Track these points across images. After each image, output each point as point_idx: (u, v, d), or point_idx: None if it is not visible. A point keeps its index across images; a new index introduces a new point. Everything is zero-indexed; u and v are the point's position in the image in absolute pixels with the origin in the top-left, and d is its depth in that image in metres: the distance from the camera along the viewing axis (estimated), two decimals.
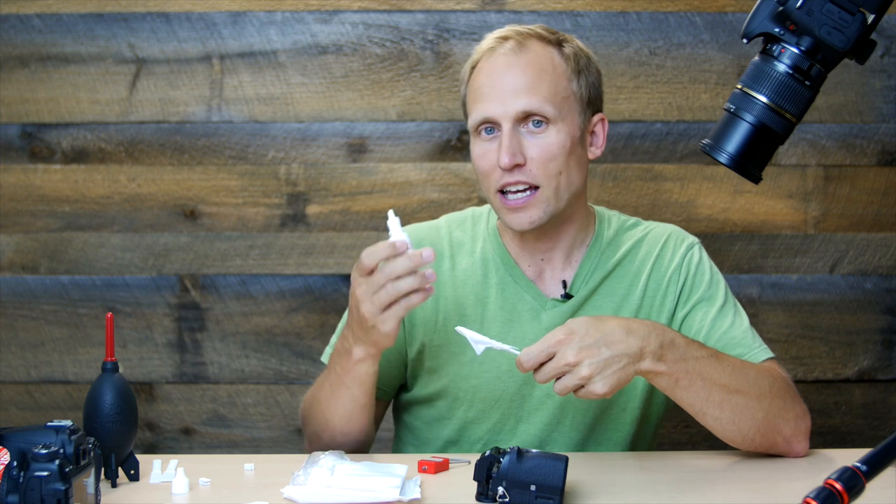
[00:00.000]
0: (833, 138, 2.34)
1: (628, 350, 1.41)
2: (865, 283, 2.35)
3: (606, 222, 1.74)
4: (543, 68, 1.61)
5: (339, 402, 1.58)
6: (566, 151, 1.60)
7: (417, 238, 1.73)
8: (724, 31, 2.32)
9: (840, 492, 0.96)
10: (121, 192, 2.33)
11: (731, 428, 1.52)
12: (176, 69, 2.32)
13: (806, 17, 1.20)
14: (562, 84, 1.62)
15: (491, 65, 1.62)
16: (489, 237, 1.72)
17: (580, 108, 1.64)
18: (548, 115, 1.59)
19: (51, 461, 1.19)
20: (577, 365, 1.39)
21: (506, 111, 1.59)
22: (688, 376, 1.46)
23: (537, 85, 1.60)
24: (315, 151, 2.33)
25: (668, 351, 1.44)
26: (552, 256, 1.69)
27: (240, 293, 2.34)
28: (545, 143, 1.60)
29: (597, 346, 1.40)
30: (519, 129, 1.60)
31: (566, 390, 1.41)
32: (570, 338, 1.40)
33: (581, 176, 1.65)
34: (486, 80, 1.62)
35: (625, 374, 1.41)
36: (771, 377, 1.55)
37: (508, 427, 1.68)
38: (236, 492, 1.41)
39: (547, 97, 1.60)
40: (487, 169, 1.61)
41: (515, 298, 1.68)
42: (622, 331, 1.42)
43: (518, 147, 1.59)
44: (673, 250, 1.71)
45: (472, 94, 1.65)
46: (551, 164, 1.59)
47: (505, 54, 1.62)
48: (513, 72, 1.61)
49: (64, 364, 2.35)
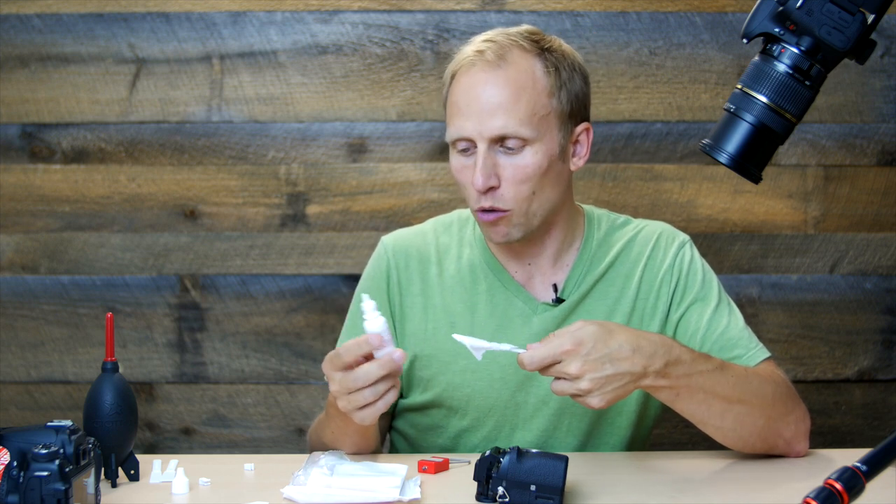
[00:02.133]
0: (833, 138, 2.34)
1: (632, 369, 1.39)
2: (865, 283, 2.35)
3: (596, 223, 1.71)
4: (522, 86, 1.56)
5: (343, 444, 1.58)
6: (541, 172, 1.57)
7: (406, 244, 1.72)
8: (724, 31, 2.32)
9: (840, 492, 0.96)
10: (121, 192, 2.33)
11: (732, 435, 1.52)
12: (176, 69, 2.32)
13: (806, 17, 1.20)
14: (541, 102, 1.57)
15: (468, 80, 1.58)
16: (475, 243, 1.70)
17: (560, 123, 1.59)
18: (525, 136, 1.55)
19: (51, 461, 1.19)
20: (579, 378, 1.37)
21: (481, 132, 1.55)
22: (689, 390, 1.45)
23: (514, 105, 1.55)
24: (315, 151, 2.33)
25: (673, 368, 1.43)
26: (539, 261, 1.67)
27: (240, 293, 2.34)
28: (520, 164, 1.56)
29: (601, 362, 1.37)
30: (495, 148, 1.56)
31: (561, 394, 1.40)
32: (578, 349, 1.37)
33: (557, 191, 1.61)
34: (462, 97, 1.58)
35: (624, 391, 1.40)
36: (774, 383, 1.54)
37: (504, 434, 1.66)
38: (236, 492, 1.41)
39: (524, 118, 1.55)
40: (466, 183, 1.59)
41: (506, 304, 1.66)
42: (630, 348, 1.39)
43: (493, 168, 1.55)
44: (664, 250, 1.69)
45: (450, 106, 1.61)
46: (523, 187, 1.56)
47: (483, 69, 1.57)
48: (490, 89, 1.55)
49: (64, 364, 2.35)
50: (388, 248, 1.72)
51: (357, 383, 1.38)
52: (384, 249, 1.73)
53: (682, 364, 1.44)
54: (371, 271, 1.73)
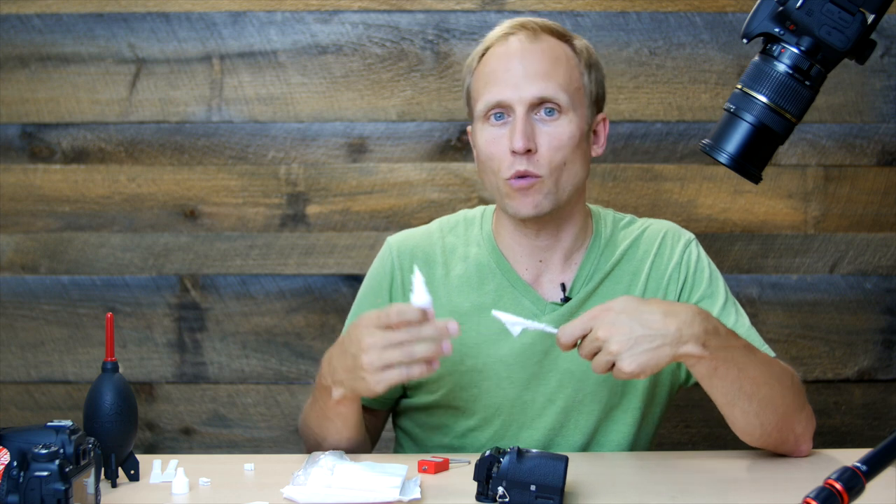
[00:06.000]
0: (833, 138, 2.34)
1: (664, 331, 1.39)
2: (865, 283, 2.35)
3: (603, 221, 1.72)
4: (558, 57, 1.60)
5: (327, 431, 1.58)
6: (574, 143, 1.59)
7: (411, 245, 1.72)
8: (724, 31, 2.32)
9: (840, 492, 0.96)
10: (121, 192, 2.33)
11: (755, 421, 1.50)
12: (176, 69, 2.32)
13: (806, 17, 1.20)
14: (575, 75, 1.61)
15: (505, 49, 1.61)
16: (484, 242, 1.70)
17: (589, 102, 1.64)
18: (561, 104, 1.58)
19: (51, 461, 1.19)
20: (607, 340, 1.38)
21: (521, 96, 1.57)
22: (725, 364, 1.45)
23: (553, 72, 1.59)
24: (315, 151, 2.33)
25: (712, 338, 1.42)
26: (551, 258, 1.67)
27: (240, 293, 2.34)
28: (556, 131, 1.58)
29: (629, 324, 1.38)
30: (531, 115, 1.58)
31: (600, 367, 1.40)
32: (606, 314, 1.39)
33: (584, 170, 1.63)
34: (499, 65, 1.60)
35: (657, 355, 1.39)
36: (791, 375, 1.55)
37: (511, 434, 1.66)
38: (236, 492, 1.41)
39: (562, 85, 1.59)
40: (498, 154, 1.59)
41: (513, 304, 1.66)
42: (661, 312, 1.40)
43: (531, 133, 1.57)
44: (671, 248, 1.69)
45: (482, 78, 1.62)
46: (558, 154, 1.58)
47: (520, 41, 1.61)
48: (528, 57, 1.59)
49: (64, 364, 2.35)
50: (393, 249, 1.72)
51: (398, 338, 1.38)
52: (389, 250, 1.72)
53: (719, 335, 1.43)
54: (375, 272, 1.73)
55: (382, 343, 1.40)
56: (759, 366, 1.49)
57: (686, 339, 1.40)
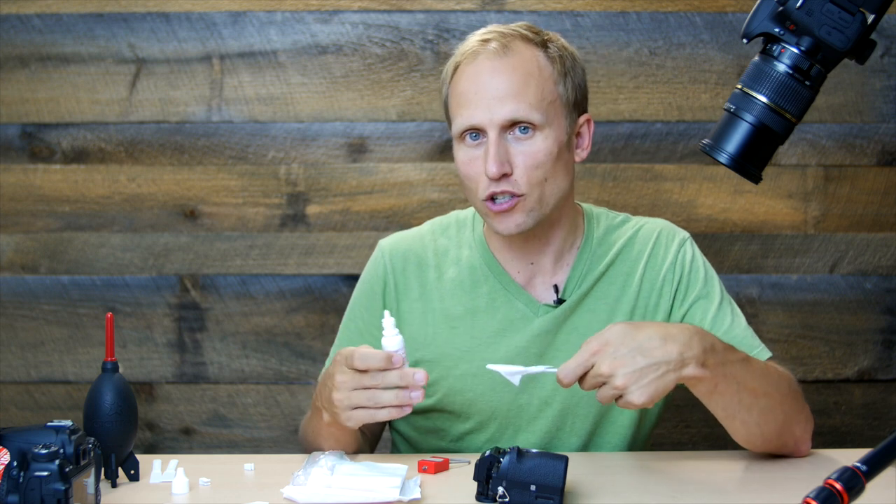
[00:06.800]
0: (833, 138, 2.34)
1: (666, 357, 1.37)
2: (865, 283, 2.35)
3: (595, 221, 1.71)
4: (529, 72, 1.57)
5: (322, 446, 1.58)
6: (553, 158, 1.56)
7: (403, 248, 1.71)
8: (724, 31, 2.32)
9: (840, 492, 0.96)
10: (121, 192, 2.33)
11: (756, 431, 1.50)
12: (176, 69, 2.32)
13: (806, 17, 1.20)
14: (548, 88, 1.58)
15: (475, 69, 1.58)
16: (475, 244, 1.69)
17: (566, 111, 1.60)
18: (535, 122, 1.55)
19: (51, 461, 1.19)
20: (612, 376, 1.35)
21: (492, 119, 1.55)
22: (725, 380, 1.43)
23: (523, 90, 1.55)
24: (315, 151, 2.33)
25: (711, 356, 1.40)
26: (542, 260, 1.66)
27: (240, 293, 2.34)
28: (532, 150, 1.56)
29: (631, 356, 1.36)
30: (505, 135, 1.56)
31: (606, 400, 1.38)
32: (605, 348, 1.36)
33: (567, 180, 1.61)
34: (469, 86, 1.57)
35: (663, 382, 1.37)
36: (788, 380, 1.55)
37: (507, 437, 1.66)
38: (236, 492, 1.41)
39: (533, 103, 1.55)
40: (474, 175, 1.57)
41: (507, 307, 1.65)
42: (659, 338, 1.37)
43: (505, 155, 1.55)
44: (665, 247, 1.68)
45: (455, 98, 1.60)
46: (537, 172, 1.56)
47: (489, 58, 1.57)
48: (498, 77, 1.56)
49: (64, 364, 2.35)
50: (385, 252, 1.72)
51: (364, 382, 1.39)
52: (381, 254, 1.72)
53: (716, 352, 1.42)
54: (368, 276, 1.73)
55: (351, 384, 1.41)
56: (758, 377, 1.48)
57: (688, 361, 1.38)
